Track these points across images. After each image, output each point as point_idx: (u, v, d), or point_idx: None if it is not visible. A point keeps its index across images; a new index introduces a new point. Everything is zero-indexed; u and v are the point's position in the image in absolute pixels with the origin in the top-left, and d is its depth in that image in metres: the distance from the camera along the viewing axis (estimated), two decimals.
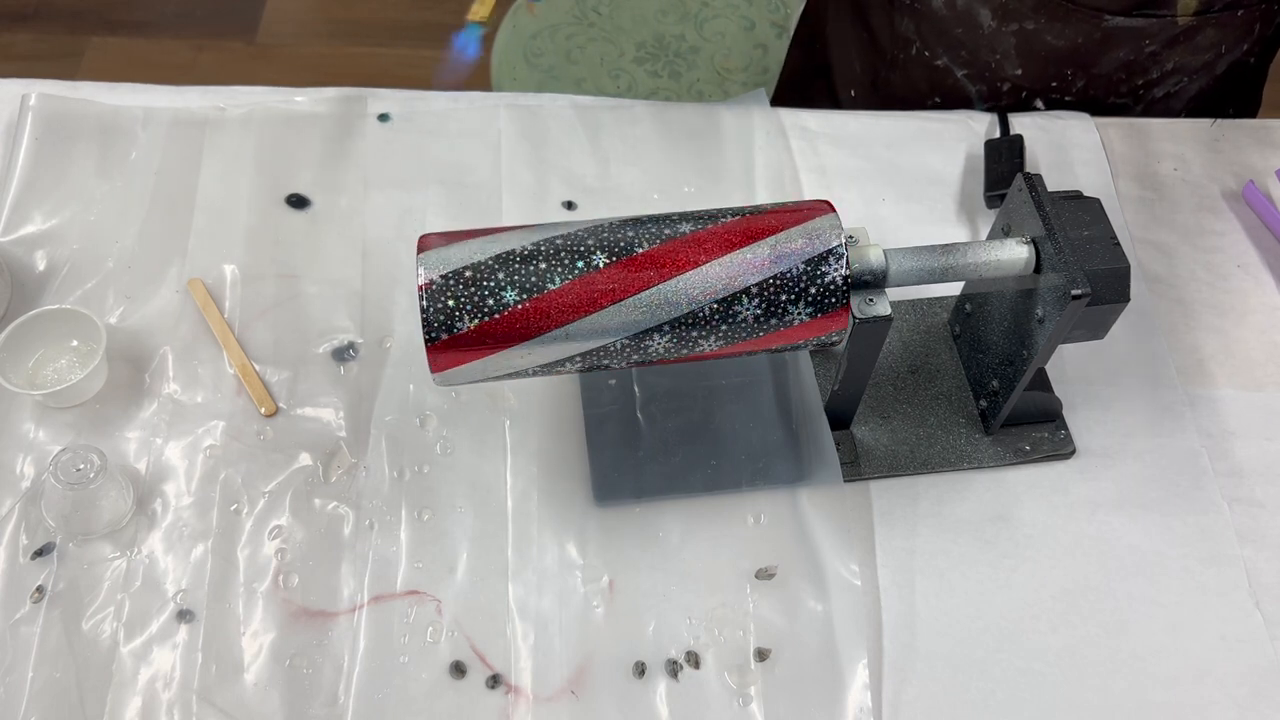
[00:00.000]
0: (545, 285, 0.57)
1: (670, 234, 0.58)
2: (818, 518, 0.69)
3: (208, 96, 0.86)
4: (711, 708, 0.63)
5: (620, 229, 0.59)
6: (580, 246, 0.57)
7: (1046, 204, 0.62)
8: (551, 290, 0.57)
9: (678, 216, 0.60)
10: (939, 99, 0.90)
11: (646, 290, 0.58)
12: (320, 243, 0.80)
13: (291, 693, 0.63)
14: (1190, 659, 0.66)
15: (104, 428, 0.71)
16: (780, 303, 0.59)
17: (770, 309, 0.59)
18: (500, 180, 0.84)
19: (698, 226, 0.59)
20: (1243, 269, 0.83)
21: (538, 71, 1.35)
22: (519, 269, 0.57)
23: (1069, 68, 0.86)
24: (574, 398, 0.74)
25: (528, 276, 0.57)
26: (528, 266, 0.57)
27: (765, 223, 0.59)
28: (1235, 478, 0.73)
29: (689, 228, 0.59)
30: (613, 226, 0.59)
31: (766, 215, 0.60)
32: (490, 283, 0.56)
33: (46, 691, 0.62)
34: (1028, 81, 0.87)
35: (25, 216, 0.79)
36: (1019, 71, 0.86)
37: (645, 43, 1.36)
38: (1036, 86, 0.87)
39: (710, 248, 0.58)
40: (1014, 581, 0.68)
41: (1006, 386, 0.69)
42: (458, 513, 0.69)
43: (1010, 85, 0.87)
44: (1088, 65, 0.85)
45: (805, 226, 0.59)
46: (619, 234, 0.58)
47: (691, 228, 0.59)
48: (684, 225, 0.59)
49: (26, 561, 0.66)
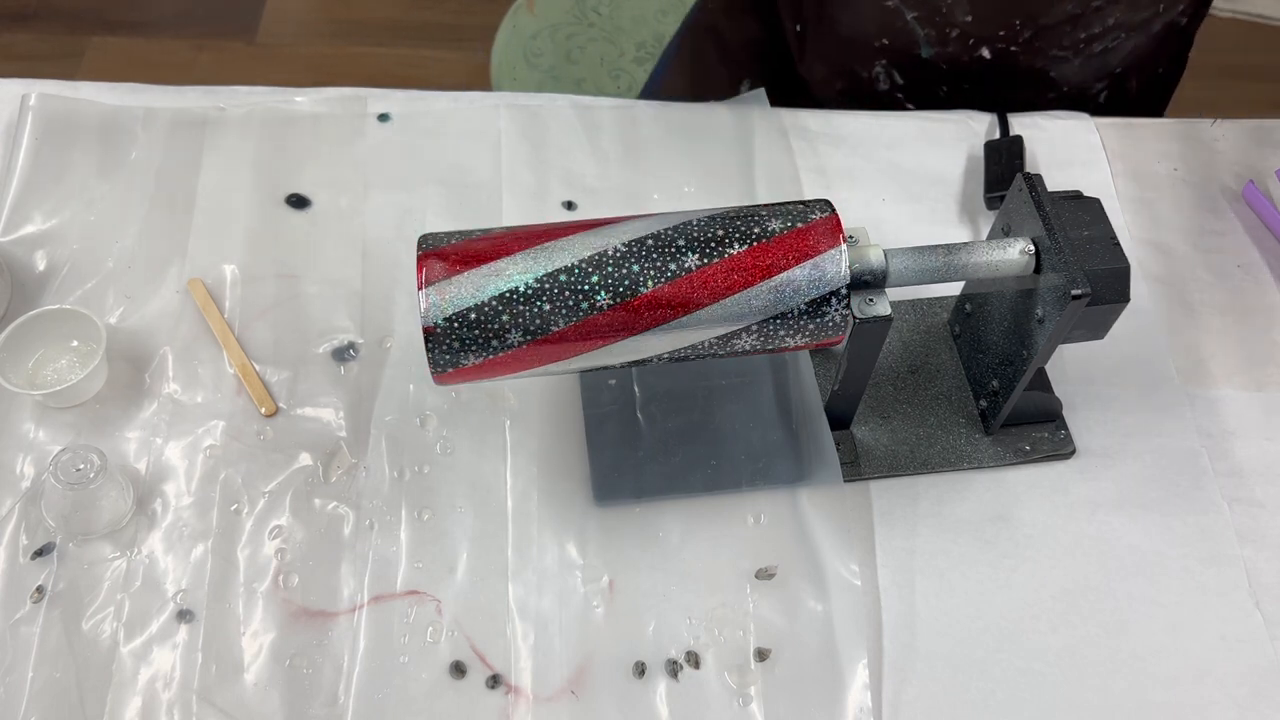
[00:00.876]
0: (549, 327, 0.58)
1: (675, 270, 0.58)
2: (818, 518, 0.69)
3: (208, 96, 0.86)
4: (711, 708, 0.63)
5: (625, 262, 0.58)
6: (584, 285, 0.58)
7: (1046, 204, 0.62)
8: (555, 332, 0.58)
9: (683, 243, 0.59)
10: (885, 41, 0.90)
11: (649, 331, 0.59)
12: (320, 243, 0.80)
13: (291, 693, 0.63)
14: (1190, 659, 0.66)
15: (104, 428, 0.71)
16: (779, 336, 0.60)
17: (768, 340, 0.61)
18: (500, 180, 0.84)
19: (704, 261, 0.58)
20: (1243, 269, 0.83)
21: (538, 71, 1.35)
22: (523, 310, 0.58)
23: (1018, 17, 0.87)
24: (574, 398, 0.74)
25: (531, 319, 0.58)
26: (531, 308, 0.58)
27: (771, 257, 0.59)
28: (1235, 478, 0.73)
29: (695, 262, 0.58)
30: (617, 258, 0.58)
31: (773, 245, 0.59)
32: (495, 325, 0.58)
33: (46, 691, 0.62)
34: (976, 29, 0.87)
35: (25, 216, 0.79)
36: (969, 18, 0.86)
37: (645, 43, 1.36)
38: (985, 34, 0.88)
39: (715, 288, 0.58)
40: (1014, 581, 0.68)
41: (1006, 386, 0.69)
42: (458, 513, 0.69)
43: (959, 32, 0.87)
44: (1036, 15, 0.86)
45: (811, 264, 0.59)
46: (623, 269, 0.58)
47: (698, 262, 0.58)
48: (689, 259, 0.58)
49: (26, 561, 0.66)
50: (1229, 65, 2.12)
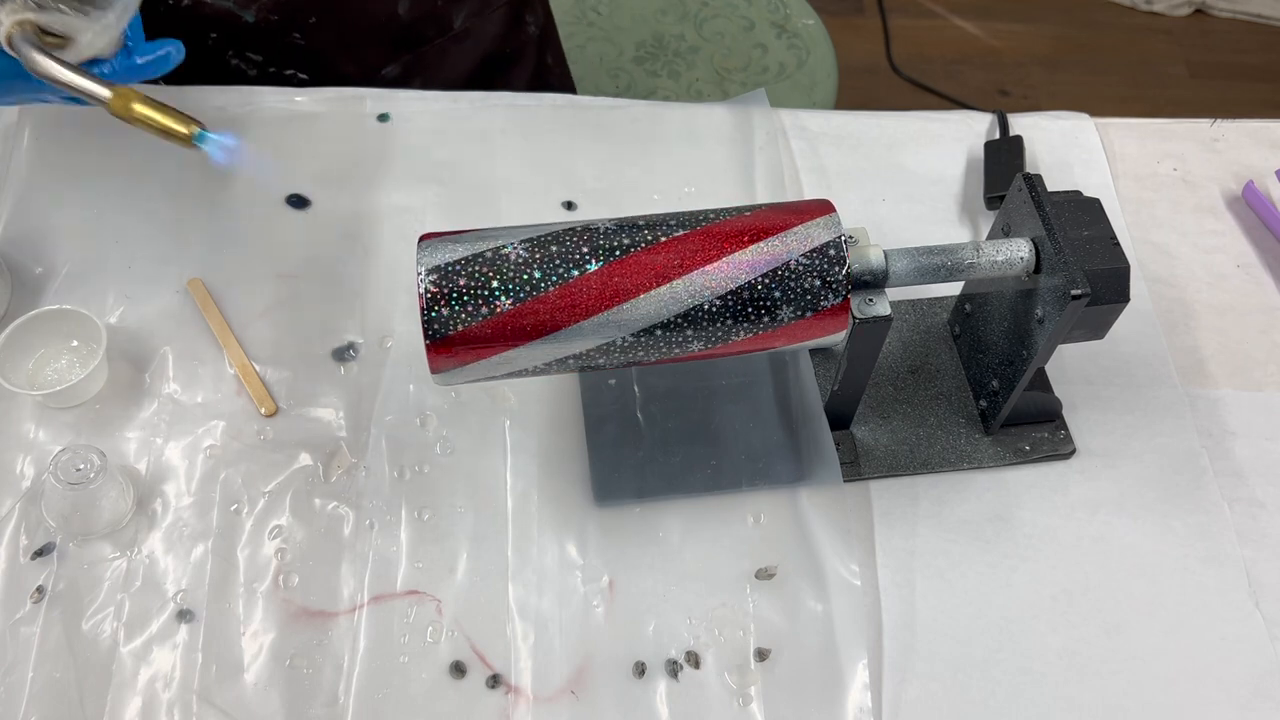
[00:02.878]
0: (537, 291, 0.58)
1: (664, 236, 0.58)
2: (818, 518, 0.69)
3: (208, 96, 0.86)
4: (711, 708, 0.63)
5: (615, 234, 0.58)
6: (575, 254, 0.58)
7: (1046, 204, 0.62)
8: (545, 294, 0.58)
9: (674, 220, 0.60)
10: None
11: (641, 295, 0.58)
12: (320, 243, 0.80)
13: (291, 693, 0.63)
14: (1190, 659, 0.66)
15: (104, 428, 0.71)
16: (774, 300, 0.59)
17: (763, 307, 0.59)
18: (500, 180, 0.84)
19: (694, 226, 0.59)
20: (1243, 269, 0.83)
21: None
22: (512, 276, 0.57)
23: None
24: (574, 398, 0.74)
25: (521, 286, 0.57)
26: (521, 275, 0.57)
27: (764, 222, 0.59)
28: (1235, 478, 0.73)
29: (684, 230, 0.59)
30: (607, 232, 0.59)
31: (765, 214, 0.60)
32: (485, 291, 0.57)
33: (46, 691, 0.62)
34: None
35: (25, 217, 0.79)
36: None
37: (645, 42, 1.36)
38: None
39: (707, 248, 0.58)
40: (1014, 581, 0.68)
41: (1006, 386, 0.69)
42: (458, 513, 0.69)
43: None
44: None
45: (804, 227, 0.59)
46: (613, 239, 0.58)
47: (688, 229, 0.59)
48: (679, 229, 0.59)
49: (26, 561, 0.66)
50: (1229, 65, 2.13)
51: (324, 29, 0.90)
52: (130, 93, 0.59)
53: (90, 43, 0.62)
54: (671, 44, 1.36)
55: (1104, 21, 2.18)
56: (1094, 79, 2.09)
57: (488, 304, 0.57)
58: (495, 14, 0.98)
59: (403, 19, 0.93)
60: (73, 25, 0.61)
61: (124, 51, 0.65)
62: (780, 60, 1.34)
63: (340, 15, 0.90)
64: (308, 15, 0.89)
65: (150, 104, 0.60)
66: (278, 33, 0.89)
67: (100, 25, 0.62)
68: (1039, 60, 2.11)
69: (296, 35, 0.90)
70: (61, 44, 0.62)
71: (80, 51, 0.62)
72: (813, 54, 1.35)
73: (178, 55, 0.67)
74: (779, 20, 1.38)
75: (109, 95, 0.60)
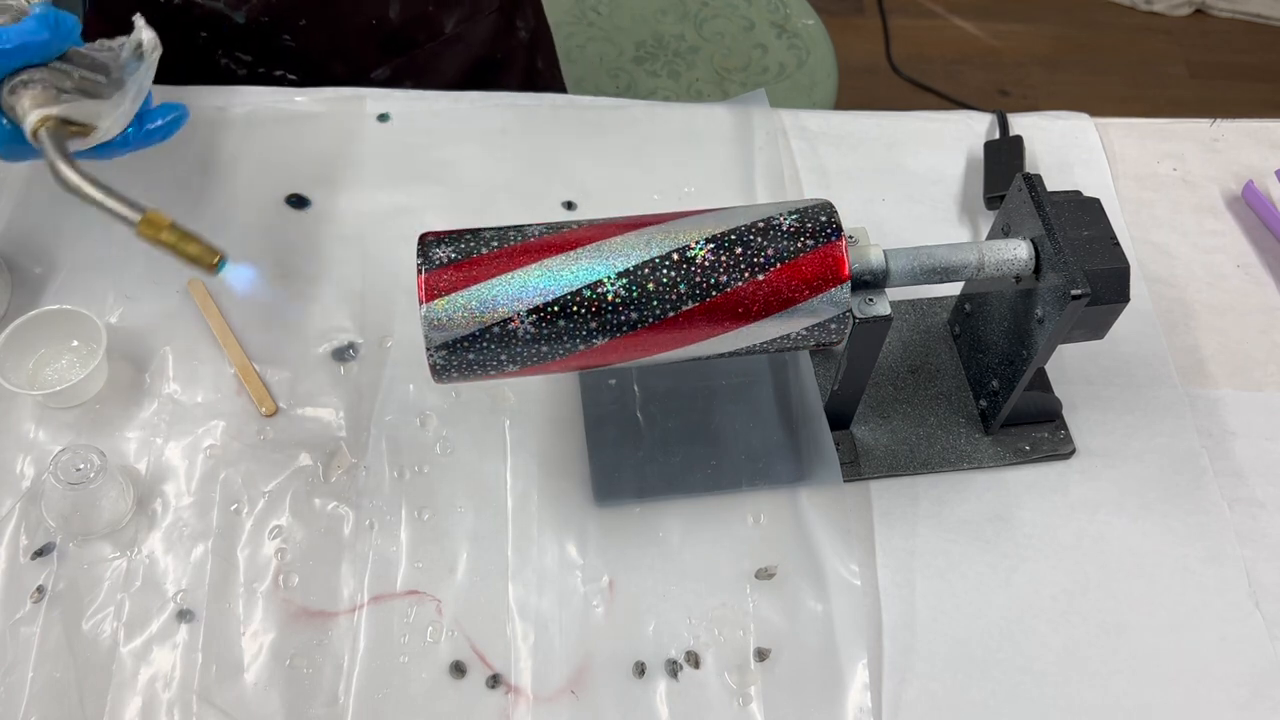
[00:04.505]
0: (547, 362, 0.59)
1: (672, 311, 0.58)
2: (818, 518, 0.69)
3: (208, 96, 0.86)
4: (711, 708, 0.63)
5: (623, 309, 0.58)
6: (582, 329, 0.58)
7: (1046, 204, 0.62)
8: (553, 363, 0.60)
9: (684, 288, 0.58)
10: None
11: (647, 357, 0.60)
12: (320, 243, 0.80)
13: (291, 693, 0.63)
14: (1190, 659, 0.66)
15: (104, 428, 0.71)
16: None
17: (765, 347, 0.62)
18: (500, 180, 0.84)
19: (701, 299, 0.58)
20: (1243, 269, 0.83)
21: None
22: (520, 352, 0.58)
23: None
24: (574, 398, 0.74)
25: (529, 359, 0.59)
26: (529, 349, 0.58)
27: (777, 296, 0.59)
28: (1235, 478, 0.73)
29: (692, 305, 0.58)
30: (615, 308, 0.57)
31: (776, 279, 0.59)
32: (494, 364, 0.59)
33: (46, 691, 0.62)
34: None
35: (26, 217, 0.79)
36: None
37: (644, 42, 1.36)
38: None
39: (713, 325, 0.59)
40: (1014, 581, 0.68)
41: (1006, 386, 0.69)
42: (458, 513, 0.69)
43: None
44: None
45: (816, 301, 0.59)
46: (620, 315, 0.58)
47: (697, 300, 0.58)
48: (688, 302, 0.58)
49: (26, 561, 0.66)
50: (1229, 65, 2.13)
51: (314, 31, 0.90)
52: (158, 219, 0.59)
53: (109, 129, 0.63)
54: (671, 44, 1.36)
55: (1104, 21, 2.18)
56: (1094, 79, 2.09)
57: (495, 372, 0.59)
58: (486, 19, 0.98)
59: (393, 22, 0.93)
60: (93, 113, 0.62)
61: (135, 120, 0.66)
62: (780, 60, 1.35)
63: (330, 18, 0.90)
64: (298, 17, 0.89)
65: (177, 234, 0.59)
66: (268, 34, 0.90)
67: (119, 112, 0.63)
68: (1039, 60, 2.11)
69: (287, 37, 0.90)
70: (84, 131, 0.62)
71: (100, 136, 0.63)
72: (813, 54, 1.35)
73: (185, 117, 0.68)
74: (779, 20, 1.38)
75: (136, 220, 0.59)
